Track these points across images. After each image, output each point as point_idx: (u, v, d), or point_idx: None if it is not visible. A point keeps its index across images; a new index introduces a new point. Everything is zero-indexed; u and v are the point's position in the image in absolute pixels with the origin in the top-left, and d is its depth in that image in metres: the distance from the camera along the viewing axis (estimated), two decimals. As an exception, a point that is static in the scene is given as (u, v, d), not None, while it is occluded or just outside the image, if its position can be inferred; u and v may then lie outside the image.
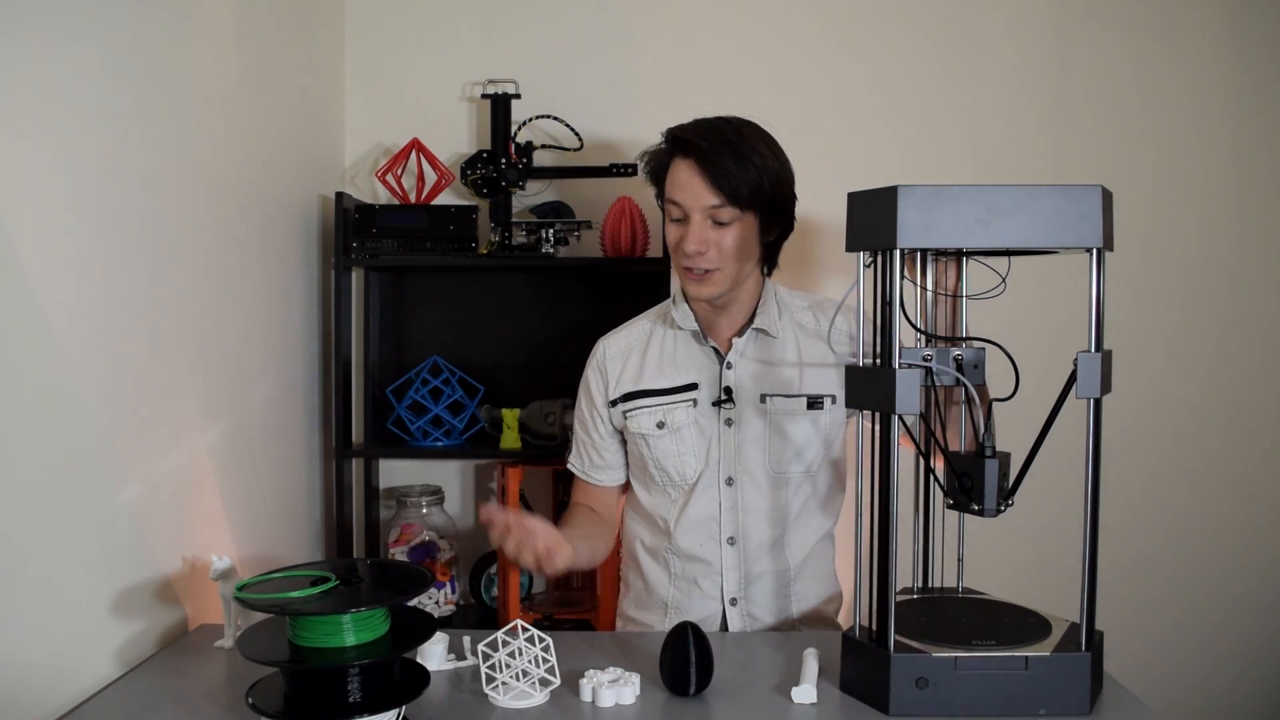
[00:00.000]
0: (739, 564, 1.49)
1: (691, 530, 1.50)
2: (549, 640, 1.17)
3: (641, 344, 1.56)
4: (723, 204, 1.39)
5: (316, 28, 2.04)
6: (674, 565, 1.53)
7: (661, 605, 1.54)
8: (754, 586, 1.50)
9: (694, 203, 1.40)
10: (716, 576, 1.50)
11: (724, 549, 1.49)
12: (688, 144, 1.41)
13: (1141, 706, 1.11)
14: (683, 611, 1.51)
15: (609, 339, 1.60)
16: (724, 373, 1.50)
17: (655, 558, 1.55)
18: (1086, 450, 1.08)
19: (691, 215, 1.41)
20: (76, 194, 1.18)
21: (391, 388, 2.08)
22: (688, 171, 1.40)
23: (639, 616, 1.58)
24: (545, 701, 1.13)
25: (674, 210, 1.43)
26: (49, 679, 1.12)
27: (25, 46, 1.08)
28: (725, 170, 1.38)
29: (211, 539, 1.50)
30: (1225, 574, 2.22)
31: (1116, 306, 2.12)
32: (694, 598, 1.51)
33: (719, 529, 1.49)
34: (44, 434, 1.11)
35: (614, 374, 1.56)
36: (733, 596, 1.50)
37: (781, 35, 2.16)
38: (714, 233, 1.41)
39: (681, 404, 1.50)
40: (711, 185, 1.39)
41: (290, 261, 1.89)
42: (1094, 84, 2.16)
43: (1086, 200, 1.06)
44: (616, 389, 1.55)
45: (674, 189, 1.42)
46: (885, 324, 1.10)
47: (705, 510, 1.49)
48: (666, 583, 1.53)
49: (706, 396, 1.50)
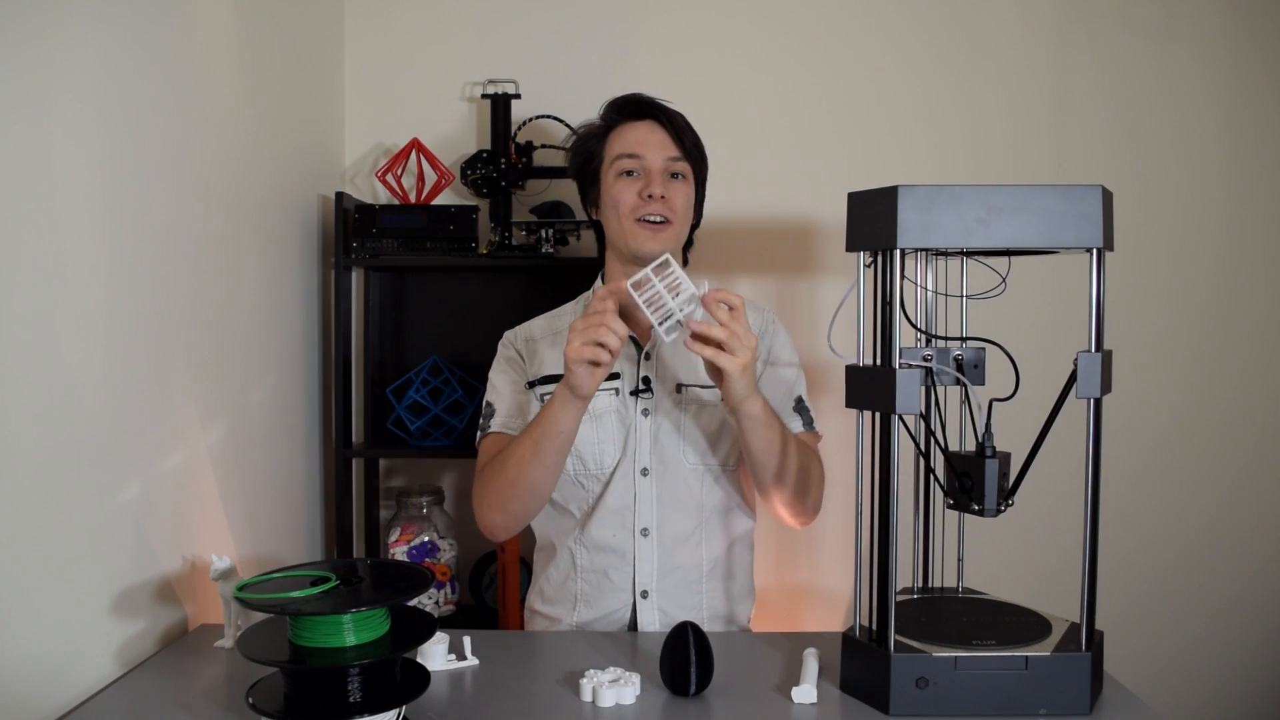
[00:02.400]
0: (651, 556, 1.49)
1: (605, 520, 1.49)
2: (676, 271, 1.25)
3: (564, 332, 1.57)
4: (680, 157, 1.50)
5: (316, 28, 2.04)
6: (581, 557, 1.51)
7: (570, 598, 1.52)
8: (667, 580, 1.49)
9: (656, 154, 1.49)
10: (628, 568, 1.49)
11: (637, 540, 1.49)
12: (648, 105, 1.53)
13: (1141, 706, 1.11)
14: (592, 604, 1.50)
15: (529, 324, 1.64)
16: (642, 362, 1.52)
17: (562, 549, 1.54)
18: (1086, 450, 1.08)
19: (653, 166, 1.49)
20: (76, 195, 1.18)
21: (391, 388, 2.08)
22: (646, 129, 1.51)
23: (547, 610, 1.56)
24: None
25: (628, 164, 1.50)
26: (49, 679, 1.12)
27: (25, 47, 1.08)
28: (682, 128, 1.51)
29: (211, 539, 1.50)
30: (1223, 573, 2.22)
31: (1116, 306, 2.12)
32: (604, 590, 1.50)
33: (634, 519, 1.49)
34: (44, 434, 1.11)
35: (533, 355, 1.58)
36: (644, 589, 1.49)
37: (781, 35, 2.16)
38: (670, 184, 1.49)
39: (604, 392, 1.51)
40: (674, 139, 1.50)
41: (290, 261, 1.89)
42: (1094, 84, 2.16)
43: (1086, 200, 1.06)
44: (536, 371, 1.56)
45: (629, 145, 1.50)
46: (885, 324, 1.10)
47: (620, 500, 1.49)
48: (573, 574, 1.52)
49: (628, 386, 1.51)
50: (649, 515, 1.49)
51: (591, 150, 1.55)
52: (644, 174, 1.49)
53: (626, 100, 1.54)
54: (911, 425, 1.21)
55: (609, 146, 1.52)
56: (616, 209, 1.49)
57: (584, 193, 1.60)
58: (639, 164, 1.49)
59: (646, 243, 1.47)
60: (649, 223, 1.47)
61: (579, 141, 1.57)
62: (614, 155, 1.51)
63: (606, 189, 1.52)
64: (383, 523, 2.16)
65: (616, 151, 1.50)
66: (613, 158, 1.51)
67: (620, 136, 1.51)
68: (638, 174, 1.49)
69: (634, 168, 1.49)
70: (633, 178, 1.49)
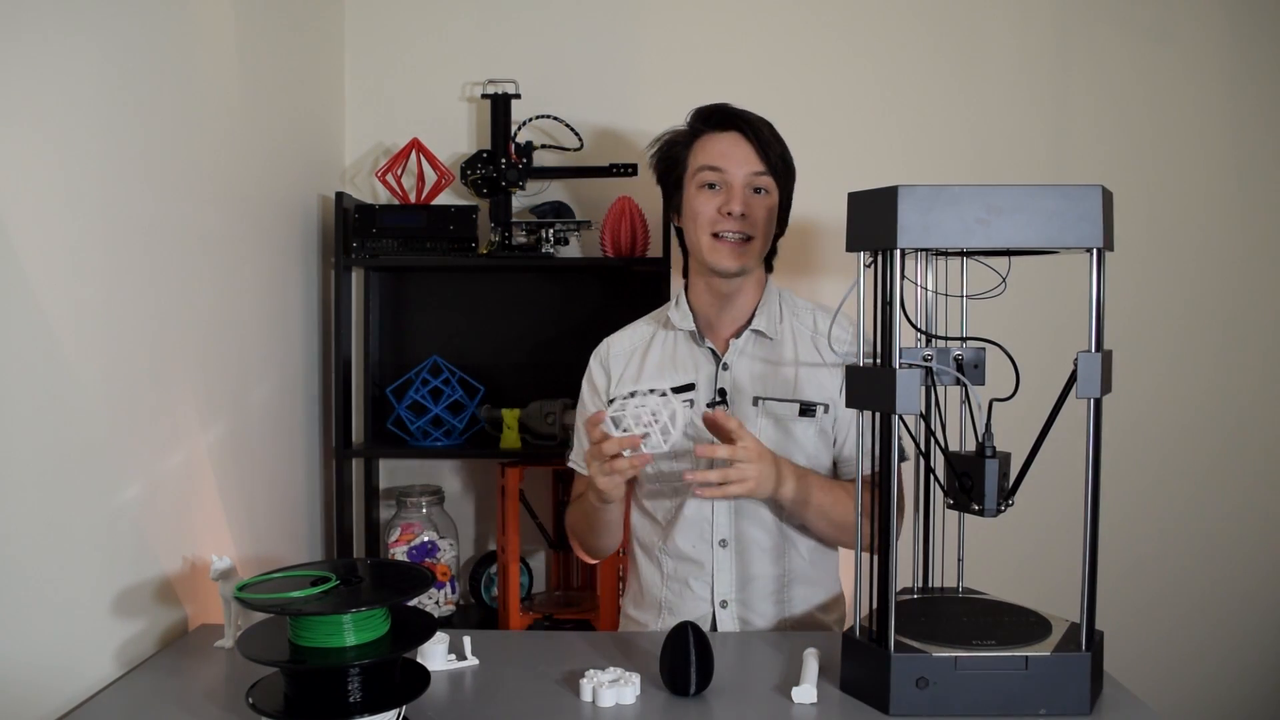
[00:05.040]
0: (730, 567, 1.49)
1: (686, 531, 1.50)
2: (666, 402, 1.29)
3: (644, 345, 1.58)
4: (764, 171, 1.47)
5: (316, 28, 2.04)
6: (666, 565, 1.53)
7: (656, 605, 1.54)
8: (747, 590, 1.50)
9: (738, 169, 1.46)
10: (707, 578, 1.50)
11: (715, 551, 1.49)
12: (733, 116, 1.49)
13: (1141, 706, 1.11)
14: (675, 612, 1.51)
15: (615, 337, 1.62)
16: (719, 373, 1.51)
17: (650, 556, 1.56)
18: (1087, 450, 1.08)
19: (735, 181, 1.46)
20: (77, 194, 1.18)
21: (391, 388, 2.08)
22: (731, 141, 1.48)
23: (637, 615, 1.58)
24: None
25: (710, 177, 1.47)
26: (49, 679, 1.12)
27: (26, 47, 1.08)
28: (768, 141, 1.47)
29: (211, 539, 1.50)
30: (1227, 575, 2.22)
31: (1117, 306, 2.12)
32: (685, 599, 1.51)
33: (711, 531, 1.49)
34: (44, 434, 1.11)
35: (617, 372, 1.57)
36: (723, 599, 1.50)
37: (782, 35, 2.16)
38: (752, 199, 1.47)
39: (680, 405, 1.50)
40: (759, 153, 1.47)
41: (290, 261, 1.89)
42: (1094, 84, 2.16)
43: (1086, 200, 1.06)
44: (618, 387, 1.56)
45: (713, 158, 1.48)
46: (885, 324, 1.10)
47: (699, 511, 1.50)
48: (659, 582, 1.54)
49: (704, 397, 1.51)
50: (726, 527, 1.49)
51: (676, 157, 1.53)
52: (725, 188, 1.47)
53: (713, 110, 1.51)
54: (911, 425, 1.21)
55: (693, 156, 1.50)
56: (696, 221, 1.48)
57: (667, 198, 1.59)
58: (721, 177, 1.47)
59: (724, 259, 1.47)
60: (726, 239, 1.46)
61: (664, 147, 1.55)
62: (697, 166, 1.49)
63: (689, 200, 1.50)
64: (383, 523, 2.16)
65: (700, 163, 1.48)
66: (696, 168, 1.49)
67: (704, 147, 1.49)
68: (719, 187, 1.47)
69: (716, 180, 1.47)
70: (714, 191, 1.47)
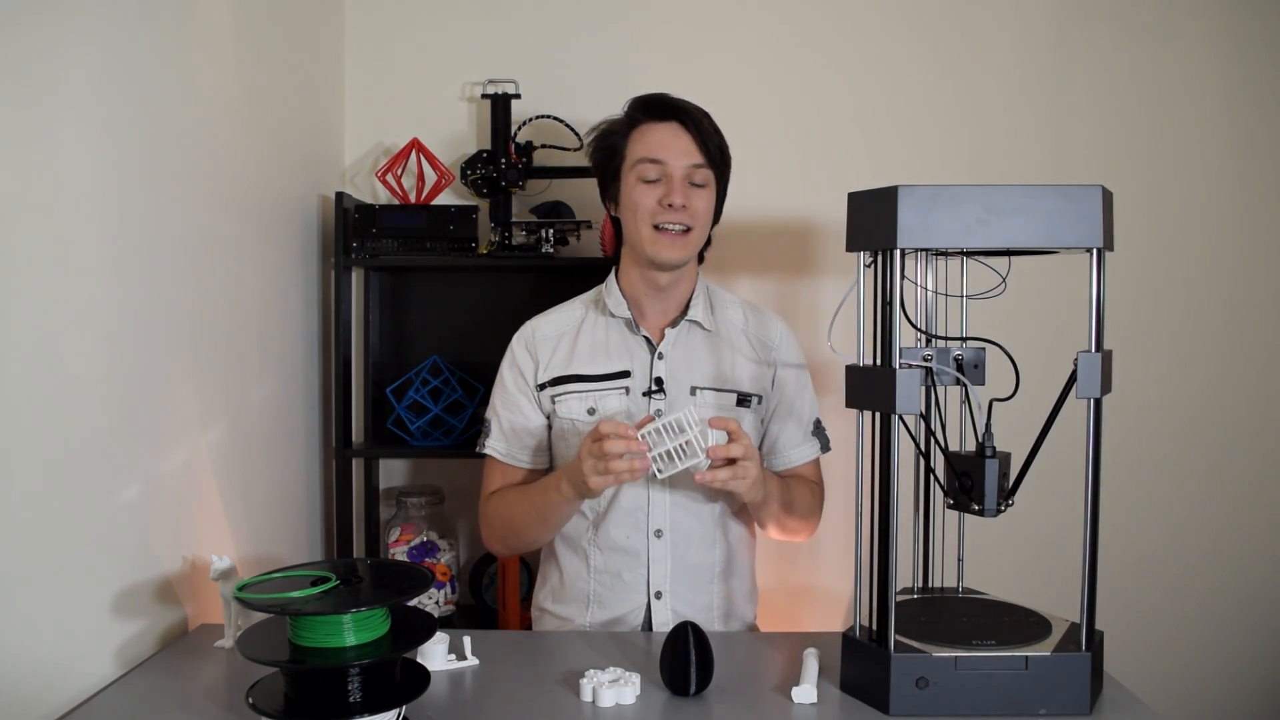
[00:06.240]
0: (666, 557, 1.49)
1: (620, 522, 1.49)
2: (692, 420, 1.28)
3: (574, 329, 1.56)
4: (703, 164, 1.47)
5: (316, 27, 2.04)
6: (595, 558, 1.51)
7: (583, 598, 1.52)
8: (680, 580, 1.49)
9: (678, 160, 1.46)
10: (642, 569, 1.49)
11: (651, 541, 1.49)
12: (672, 106, 1.48)
13: (1141, 706, 1.11)
14: (605, 605, 1.50)
15: (541, 320, 1.59)
16: (655, 362, 1.51)
17: (574, 549, 1.53)
18: (1087, 450, 1.08)
19: (674, 173, 1.46)
20: (76, 194, 1.18)
21: (391, 388, 2.08)
22: (670, 132, 1.47)
23: (559, 610, 1.55)
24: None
25: (649, 170, 1.47)
26: (49, 679, 1.12)
27: (26, 47, 1.08)
28: (707, 132, 1.47)
29: (211, 539, 1.50)
30: (1227, 575, 2.21)
31: (1117, 307, 2.12)
32: (616, 591, 1.50)
33: (647, 520, 1.49)
34: (44, 434, 1.11)
35: (545, 356, 1.55)
36: (658, 590, 1.49)
37: (781, 35, 2.16)
38: (692, 191, 1.47)
39: (614, 391, 1.50)
40: (698, 144, 1.46)
41: (290, 261, 1.89)
42: (1094, 84, 2.16)
43: (1086, 200, 1.06)
44: (546, 372, 1.54)
45: (652, 149, 1.47)
46: (885, 324, 1.10)
47: (634, 501, 1.49)
48: (585, 575, 1.51)
49: (638, 386, 1.50)
50: (662, 517, 1.49)
51: (614, 147, 1.51)
52: (665, 180, 1.46)
53: (651, 100, 1.50)
54: (911, 425, 1.21)
55: (631, 146, 1.49)
56: (636, 213, 1.47)
57: (604, 188, 1.57)
58: (661, 169, 1.46)
59: (665, 250, 1.46)
60: (668, 231, 1.46)
61: (601, 136, 1.53)
62: (636, 157, 1.47)
63: (627, 191, 1.49)
64: (383, 523, 2.16)
65: (639, 154, 1.47)
66: (634, 159, 1.48)
67: (643, 137, 1.48)
68: (659, 180, 1.46)
69: (656, 174, 1.46)
70: (654, 183, 1.46)
